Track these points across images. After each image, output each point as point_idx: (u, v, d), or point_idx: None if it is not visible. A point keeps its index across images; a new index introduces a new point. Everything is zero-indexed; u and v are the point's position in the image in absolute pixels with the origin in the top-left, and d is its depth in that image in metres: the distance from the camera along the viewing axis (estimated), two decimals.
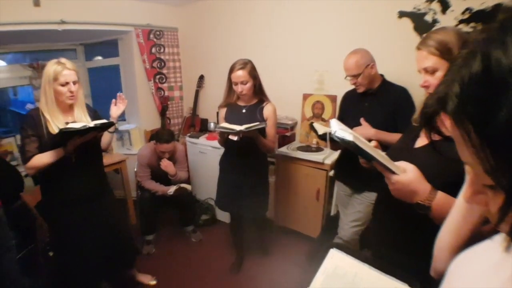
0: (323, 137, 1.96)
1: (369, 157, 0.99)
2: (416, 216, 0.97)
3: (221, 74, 3.96)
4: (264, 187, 2.70)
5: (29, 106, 3.98)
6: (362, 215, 2.27)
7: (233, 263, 2.95)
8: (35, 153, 1.92)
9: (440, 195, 0.95)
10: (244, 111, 2.50)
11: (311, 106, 3.31)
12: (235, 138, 2.28)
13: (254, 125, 2.21)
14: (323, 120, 3.21)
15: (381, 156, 1.00)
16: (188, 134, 4.03)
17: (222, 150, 2.79)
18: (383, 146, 1.28)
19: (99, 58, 4.50)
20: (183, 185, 3.13)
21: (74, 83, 1.99)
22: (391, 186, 1.01)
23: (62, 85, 1.95)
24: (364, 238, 2.32)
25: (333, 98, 3.12)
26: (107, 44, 4.32)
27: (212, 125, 4.12)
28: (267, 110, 2.47)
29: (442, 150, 0.65)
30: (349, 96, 2.41)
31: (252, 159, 2.55)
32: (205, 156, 3.69)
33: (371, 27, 2.77)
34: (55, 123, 1.97)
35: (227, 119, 2.51)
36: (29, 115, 1.99)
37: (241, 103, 2.53)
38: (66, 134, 1.85)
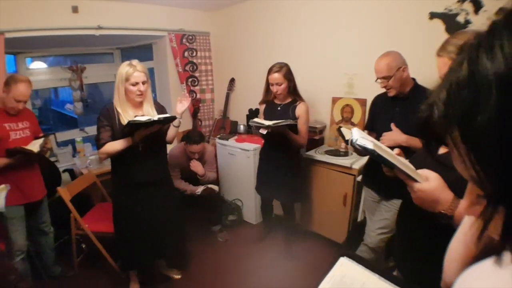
0: (356, 148, 1.95)
1: (391, 165, 0.98)
2: (440, 226, 0.94)
3: (252, 77, 4.05)
4: (295, 178, 2.91)
5: (69, 106, 4.21)
6: (389, 222, 2.22)
7: (259, 235, 3.39)
8: (107, 140, 2.22)
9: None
10: (279, 108, 2.79)
11: (340, 109, 3.28)
12: (264, 132, 2.55)
13: (281, 121, 2.50)
14: (352, 124, 3.17)
15: (402, 164, 0.99)
16: (218, 136, 4.10)
17: (250, 152, 3.42)
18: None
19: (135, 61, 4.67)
20: (210, 185, 3.20)
21: (143, 83, 2.22)
22: (413, 194, 0.99)
23: (133, 85, 2.19)
24: (390, 246, 2.27)
25: (362, 102, 3.08)
26: (142, 48, 4.49)
27: (241, 128, 4.16)
28: (299, 109, 2.71)
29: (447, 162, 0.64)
30: (379, 100, 2.35)
31: (284, 151, 2.80)
32: (234, 158, 3.74)
33: (401, 29, 2.70)
34: (125, 116, 2.23)
35: (265, 115, 2.87)
36: (105, 108, 2.29)
37: (277, 101, 2.83)
38: (133, 126, 2.11)
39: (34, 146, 2.35)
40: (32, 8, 3.05)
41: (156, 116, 2.18)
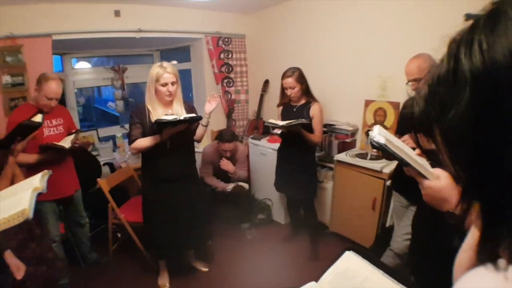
0: (373, 146, 1.93)
1: (403, 162, 0.99)
2: (453, 229, 0.94)
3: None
4: (310, 175, 3.04)
5: (111, 104, 4.47)
6: None
7: (286, 235, 3.44)
8: (138, 137, 2.36)
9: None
10: (294, 110, 2.92)
11: (372, 113, 3.23)
12: (279, 131, 2.81)
13: (294, 121, 2.65)
14: (385, 127, 3.11)
15: (415, 161, 0.99)
16: (251, 136, 4.16)
17: None
18: None
19: (174, 62, 4.86)
20: (240, 183, 3.28)
21: (173, 83, 2.33)
22: (423, 191, 0.99)
23: (162, 85, 2.31)
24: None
25: (395, 105, 3.02)
26: (180, 50, 4.65)
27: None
28: (313, 109, 2.84)
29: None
30: (411, 105, 2.30)
31: (299, 149, 2.93)
32: (265, 158, 3.78)
33: (436, 31, 2.61)
34: (155, 114, 2.35)
35: (282, 116, 2.99)
36: (137, 106, 2.46)
37: (292, 103, 2.95)
38: (160, 124, 2.21)
39: (66, 142, 2.46)
40: (77, 12, 3.29)
41: (182, 116, 2.28)
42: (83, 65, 4.47)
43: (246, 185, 3.33)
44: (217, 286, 2.79)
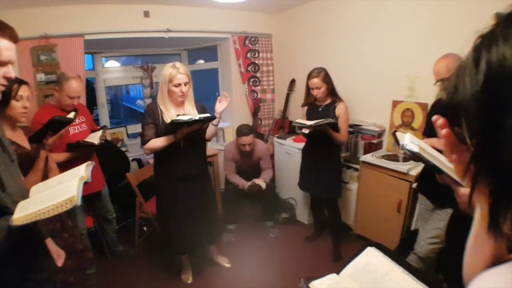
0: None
1: (437, 169, 0.99)
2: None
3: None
4: (336, 174, 3.04)
5: (139, 102, 4.59)
6: (441, 232, 2.12)
7: (309, 235, 3.44)
8: (151, 137, 2.38)
9: None
10: (320, 109, 2.91)
11: (400, 113, 3.17)
12: (306, 131, 2.77)
13: (322, 120, 2.66)
14: (412, 129, 3.05)
15: (450, 168, 0.98)
16: (277, 135, 4.17)
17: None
18: None
19: (201, 61, 4.95)
20: (257, 181, 3.29)
21: (185, 84, 2.34)
22: (458, 199, 0.98)
23: (175, 86, 2.32)
24: (440, 258, 2.17)
25: (423, 106, 2.94)
26: (207, 49, 4.73)
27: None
28: (339, 109, 2.84)
29: None
30: (439, 105, 2.25)
31: (325, 149, 2.93)
32: (290, 157, 3.78)
33: (465, 31, 2.52)
34: (168, 114, 2.38)
35: (307, 116, 2.98)
36: (149, 106, 2.45)
37: (318, 103, 2.95)
38: (176, 124, 2.23)
39: (94, 138, 2.52)
40: (108, 13, 3.43)
41: (197, 116, 2.30)
42: (112, 64, 4.64)
43: (263, 183, 3.32)
44: (239, 282, 2.82)
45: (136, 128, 4.53)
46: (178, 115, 2.30)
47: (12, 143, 1.74)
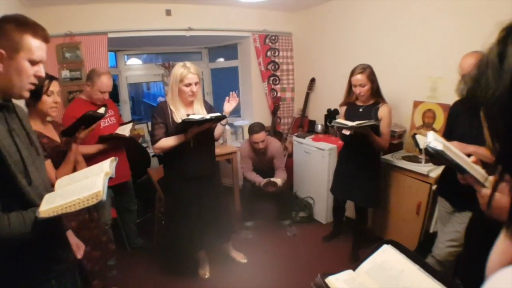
0: (428, 152, 1.87)
1: (461, 169, 0.98)
2: None
3: (332, 78, 4.04)
4: (374, 181, 2.87)
5: (161, 99, 4.69)
6: (460, 235, 2.08)
7: (326, 235, 3.40)
8: (162, 137, 2.38)
9: None
10: (361, 110, 2.75)
11: (421, 114, 3.12)
12: (347, 132, 2.51)
13: (365, 122, 2.46)
14: (433, 130, 3.00)
15: (473, 169, 0.98)
16: (296, 134, 4.18)
17: (325, 151, 3.52)
18: None
19: (221, 60, 4.99)
20: (273, 179, 3.31)
21: (196, 84, 2.36)
22: (480, 200, 0.97)
23: (186, 85, 2.34)
24: (459, 261, 2.14)
25: (445, 107, 2.88)
26: (228, 48, 4.77)
27: (319, 127, 4.18)
28: (382, 111, 2.66)
29: None
30: (459, 106, 2.20)
31: (365, 154, 2.77)
32: (309, 156, 3.78)
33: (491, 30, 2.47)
34: (178, 114, 2.40)
35: (346, 116, 2.81)
36: (159, 106, 2.47)
37: (359, 103, 2.79)
38: (187, 124, 2.24)
39: (125, 131, 2.62)
40: (131, 12, 3.51)
41: (208, 115, 2.31)
42: (134, 62, 4.75)
43: (279, 181, 3.31)
44: (255, 278, 2.85)
45: None
46: (188, 115, 2.31)
47: (43, 136, 1.82)
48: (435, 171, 2.68)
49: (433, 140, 1.07)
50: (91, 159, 2.30)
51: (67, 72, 3.34)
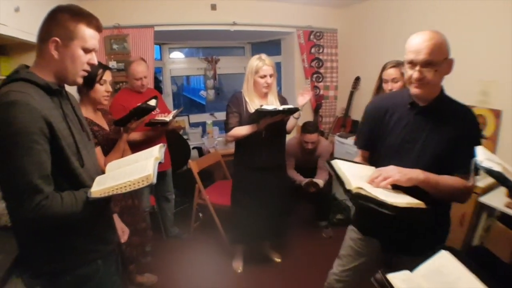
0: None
1: None
2: None
3: (377, 78, 3.89)
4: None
5: (202, 93, 4.83)
6: None
7: None
8: (235, 125, 2.49)
9: None
10: None
11: None
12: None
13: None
14: (482, 137, 2.81)
15: None
16: (338, 134, 4.11)
17: None
18: None
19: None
20: (315, 179, 3.27)
21: (271, 76, 2.43)
22: None
23: (261, 77, 2.42)
24: None
25: (497, 113, 2.69)
26: (271, 43, 4.76)
27: None
28: None
29: None
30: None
31: None
32: (351, 157, 3.64)
33: None
34: (252, 105, 2.48)
35: None
36: (234, 96, 2.57)
37: None
38: (261, 113, 2.31)
39: (167, 117, 2.64)
40: (177, 6, 3.60)
41: (281, 107, 2.36)
42: (176, 55, 4.86)
43: (320, 181, 3.26)
44: (288, 278, 2.84)
45: (198, 117, 4.75)
46: (261, 105, 2.36)
47: (94, 124, 1.91)
48: (483, 181, 2.53)
49: (485, 159, 1.02)
50: (135, 148, 2.38)
51: (114, 63, 3.48)
